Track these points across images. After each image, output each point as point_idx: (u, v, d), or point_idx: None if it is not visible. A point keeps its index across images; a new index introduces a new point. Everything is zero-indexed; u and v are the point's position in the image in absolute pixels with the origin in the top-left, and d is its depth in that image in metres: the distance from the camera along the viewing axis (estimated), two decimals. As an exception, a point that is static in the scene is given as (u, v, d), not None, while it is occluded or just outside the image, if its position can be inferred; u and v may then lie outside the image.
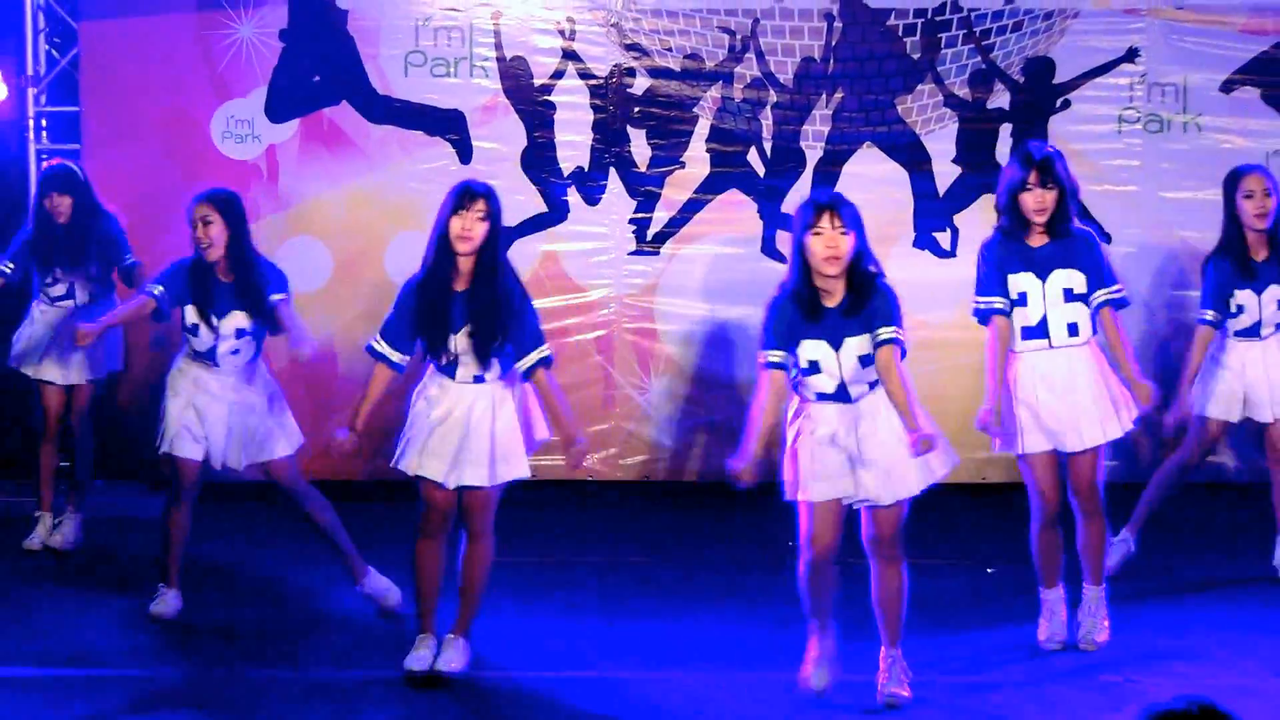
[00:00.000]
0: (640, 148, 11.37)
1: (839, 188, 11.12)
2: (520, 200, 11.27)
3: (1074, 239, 8.12)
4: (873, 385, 7.41)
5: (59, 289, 10.25)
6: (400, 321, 7.82)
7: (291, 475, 8.96)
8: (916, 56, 11.25)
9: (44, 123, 11.59)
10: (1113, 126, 11.21)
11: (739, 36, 11.29)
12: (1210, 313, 9.15)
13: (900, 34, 11.24)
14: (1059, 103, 11.24)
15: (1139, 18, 11.19)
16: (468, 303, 7.73)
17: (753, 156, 11.32)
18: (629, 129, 11.37)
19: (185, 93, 11.35)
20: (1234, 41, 11.18)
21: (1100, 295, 8.11)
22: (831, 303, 7.36)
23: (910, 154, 11.22)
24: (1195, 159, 11.13)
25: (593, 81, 11.36)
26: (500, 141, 11.35)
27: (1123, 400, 8.19)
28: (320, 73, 11.37)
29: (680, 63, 11.33)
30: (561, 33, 11.33)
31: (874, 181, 11.20)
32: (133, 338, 10.65)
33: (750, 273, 11.24)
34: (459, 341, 7.73)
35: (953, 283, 10.88)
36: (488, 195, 7.78)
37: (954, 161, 11.21)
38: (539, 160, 11.38)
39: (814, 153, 11.31)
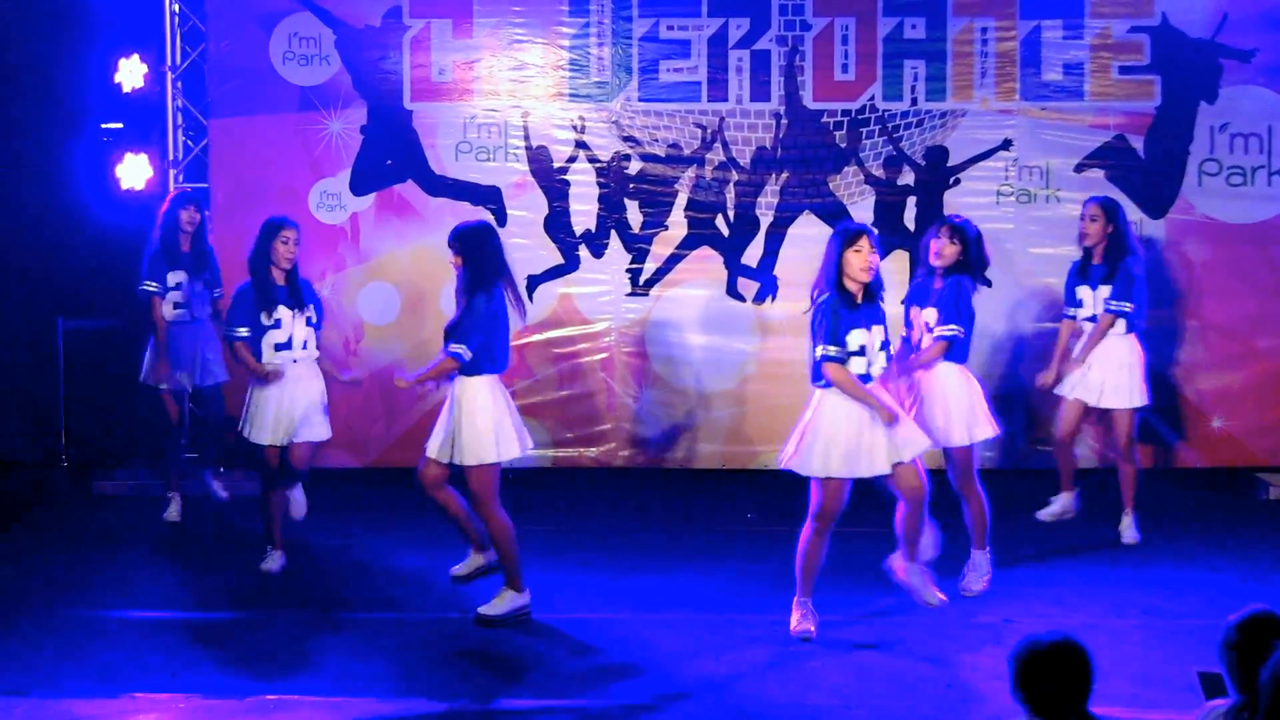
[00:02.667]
0: (634, 214, 11.35)
1: (785, 245, 11.21)
2: (544, 255, 11.30)
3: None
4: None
5: (178, 295, 10.16)
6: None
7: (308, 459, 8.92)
8: (843, 146, 11.26)
9: (182, 196, 11.57)
10: (992, 198, 11.19)
11: (709, 130, 11.29)
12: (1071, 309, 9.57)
13: (831, 128, 11.25)
14: (952, 180, 11.22)
15: (1012, 116, 11.18)
16: None
17: (720, 221, 11.30)
18: (625, 200, 11.35)
19: (289, 172, 11.31)
20: (1084, 134, 11.15)
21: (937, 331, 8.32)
22: (860, 302, 7.55)
23: (839, 219, 11.23)
24: (1055, 223, 11.14)
25: (598, 164, 11.35)
26: (528, 210, 11.34)
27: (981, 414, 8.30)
28: (392, 157, 11.36)
29: (665, 150, 11.33)
30: (574, 127, 11.34)
31: (811, 240, 11.11)
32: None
33: (718, 310, 11.29)
34: None
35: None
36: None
37: (872, 225, 11.19)
38: (557, 224, 11.38)
39: (766, 218, 11.30)
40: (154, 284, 10.13)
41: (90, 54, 11.55)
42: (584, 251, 11.37)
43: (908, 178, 11.26)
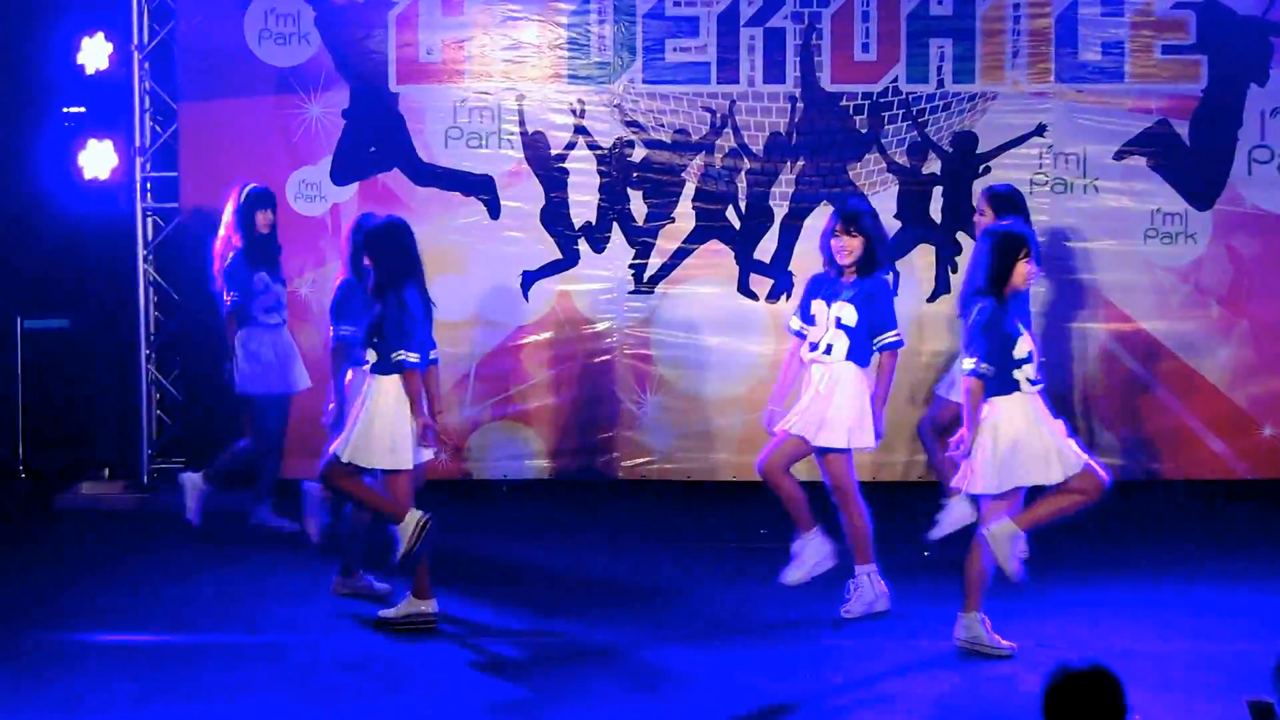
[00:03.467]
0: (638, 206, 11.33)
1: (801, 239, 11.20)
2: (540, 249, 11.30)
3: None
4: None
5: (269, 299, 10.21)
6: None
7: None
8: (864, 131, 11.25)
9: (149, 185, 11.51)
10: (1025, 188, 11.12)
11: (719, 114, 11.29)
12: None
13: (851, 113, 11.25)
14: (981, 169, 11.20)
15: (1046, 99, 11.18)
16: None
17: (730, 213, 11.28)
18: (629, 190, 11.34)
19: (264, 160, 11.27)
20: (1124, 118, 11.16)
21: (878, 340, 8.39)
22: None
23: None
24: (1093, 215, 11.16)
25: (599, 151, 11.34)
26: (523, 201, 11.33)
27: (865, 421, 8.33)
28: (376, 144, 11.35)
29: (671, 136, 11.32)
30: (573, 111, 11.33)
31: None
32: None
33: (728, 308, 11.28)
34: None
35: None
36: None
37: (895, 217, 11.18)
38: (555, 216, 11.37)
39: (780, 210, 11.30)
40: (235, 293, 10.14)
41: (51, 32, 11.54)
42: (583, 246, 11.36)
43: (933, 166, 11.25)
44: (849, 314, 8.35)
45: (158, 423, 11.56)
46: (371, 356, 8.17)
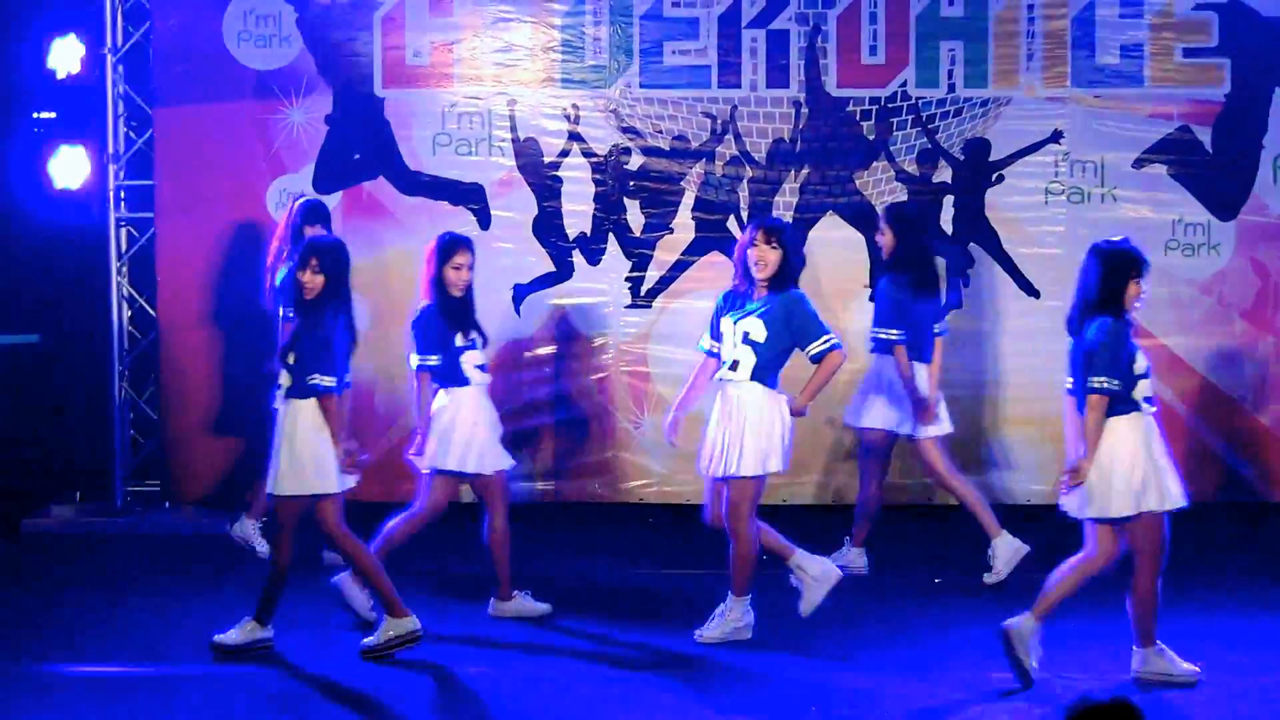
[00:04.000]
0: (635, 216, 11.35)
1: (806, 250, 11.19)
2: (532, 261, 11.31)
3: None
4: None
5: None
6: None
7: None
8: (872, 138, 11.27)
9: (122, 194, 11.50)
10: (1040, 198, 11.23)
11: (720, 120, 11.30)
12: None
13: (858, 118, 11.26)
14: (994, 177, 11.23)
15: (1063, 104, 11.21)
16: None
17: (731, 224, 11.28)
18: (625, 200, 11.36)
19: (244, 168, 11.29)
20: (1144, 125, 11.18)
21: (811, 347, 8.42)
22: None
23: (866, 221, 11.21)
24: (1111, 226, 11.10)
25: (594, 159, 11.35)
26: (515, 211, 11.33)
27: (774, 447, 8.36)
28: (360, 151, 11.36)
29: (669, 143, 11.34)
30: (567, 117, 11.34)
31: (836, 245, 11.25)
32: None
33: (730, 323, 11.31)
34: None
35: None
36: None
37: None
38: (548, 227, 11.38)
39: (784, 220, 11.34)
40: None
41: (19, 34, 11.54)
42: (578, 258, 11.38)
43: (944, 174, 11.26)
44: (758, 329, 8.39)
45: (131, 443, 11.54)
46: (285, 380, 8.20)
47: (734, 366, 8.41)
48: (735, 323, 8.44)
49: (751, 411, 8.37)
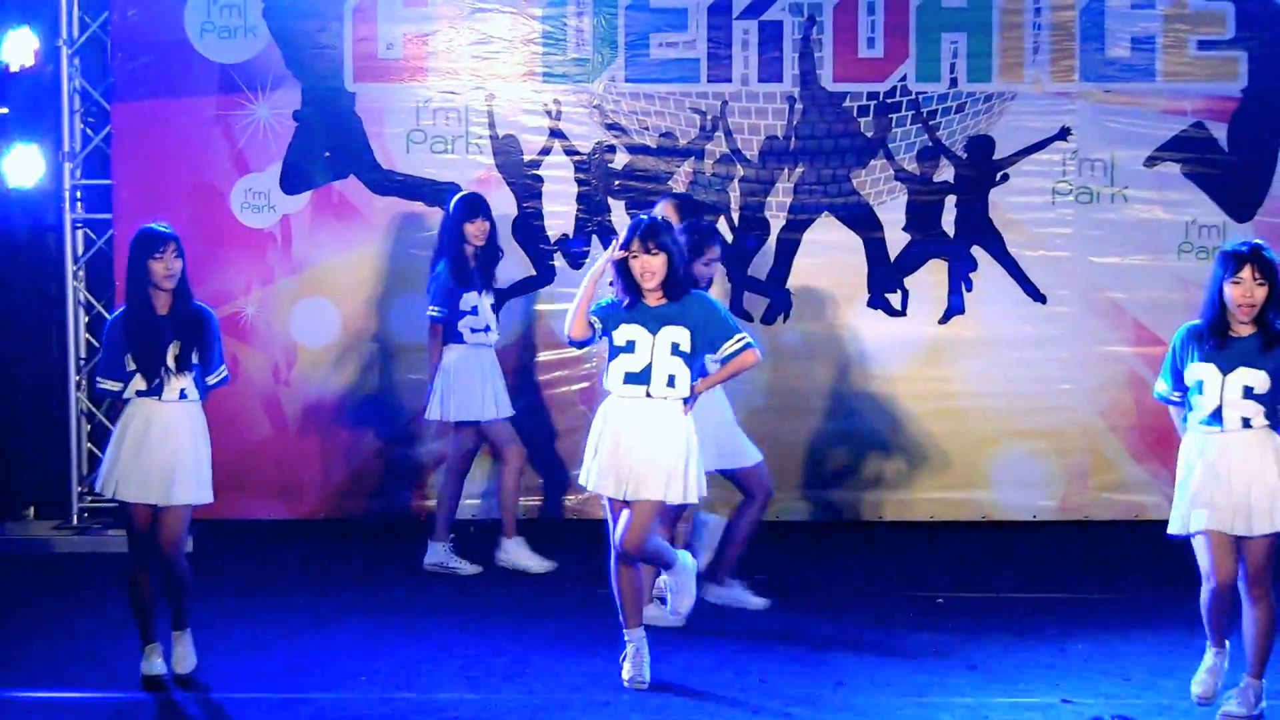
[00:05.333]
0: (620, 217, 11.35)
1: (800, 254, 11.24)
2: (512, 264, 11.31)
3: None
4: (1247, 423, 7.39)
5: (478, 321, 10.32)
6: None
7: None
8: (870, 135, 11.30)
9: (79, 194, 11.52)
10: (1047, 198, 11.25)
11: (709, 116, 11.33)
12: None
13: (855, 114, 11.29)
14: (998, 176, 11.27)
15: (1070, 100, 11.24)
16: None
17: (722, 225, 11.30)
18: (610, 200, 11.38)
19: (207, 167, 11.31)
20: (1156, 121, 11.22)
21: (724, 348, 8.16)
22: (1241, 333, 7.41)
23: (864, 223, 11.27)
24: (1122, 227, 11.20)
25: (577, 157, 11.38)
26: (493, 211, 11.35)
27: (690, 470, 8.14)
28: (330, 149, 11.37)
29: (656, 140, 11.37)
30: (549, 113, 11.36)
31: (832, 248, 11.28)
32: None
33: (720, 330, 11.31)
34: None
35: (902, 339, 11.13)
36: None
37: (904, 230, 11.25)
38: (528, 228, 11.40)
39: (777, 221, 11.33)
40: (439, 309, 10.31)
41: (-30, 26, 11.56)
42: (560, 261, 11.40)
43: (946, 173, 11.29)
44: (685, 339, 8.05)
45: (89, 456, 11.53)
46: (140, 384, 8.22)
47: (671, 382, 8.08)
48: (654, 334, 8.08)
49: (665, 432, 8.09)
